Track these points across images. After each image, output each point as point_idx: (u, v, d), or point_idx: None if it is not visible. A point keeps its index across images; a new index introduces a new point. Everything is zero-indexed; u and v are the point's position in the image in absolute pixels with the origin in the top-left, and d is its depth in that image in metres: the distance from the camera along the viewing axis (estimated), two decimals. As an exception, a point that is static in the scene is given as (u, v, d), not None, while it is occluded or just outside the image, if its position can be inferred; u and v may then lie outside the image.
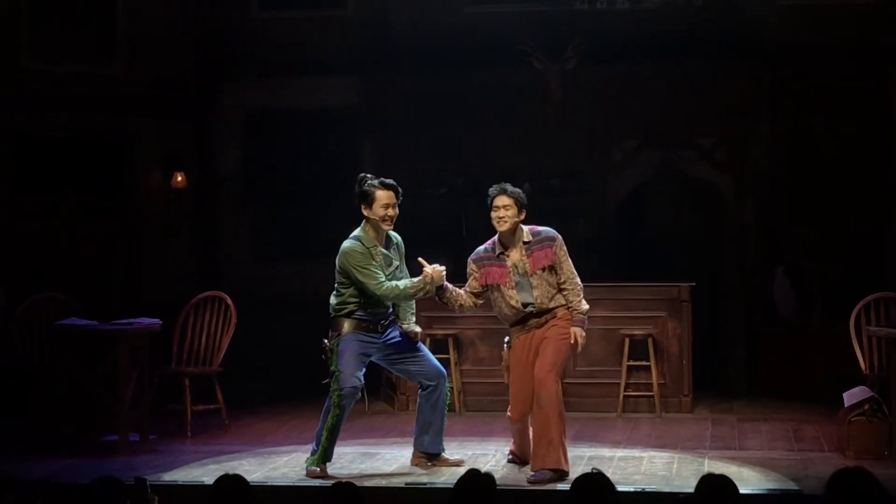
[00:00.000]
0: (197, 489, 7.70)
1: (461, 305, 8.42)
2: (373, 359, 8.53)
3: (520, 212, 8.24)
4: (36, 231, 13.42)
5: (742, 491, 5.50)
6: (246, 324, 11.15)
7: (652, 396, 11.26)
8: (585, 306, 8.27)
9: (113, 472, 6.56)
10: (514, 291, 8.25)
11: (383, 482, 8.14)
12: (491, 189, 8.31)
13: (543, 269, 8.20)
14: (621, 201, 13.96)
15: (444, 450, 8.70)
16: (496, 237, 8.32)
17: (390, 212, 8.35)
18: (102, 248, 13.77)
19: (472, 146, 13.64)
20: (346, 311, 8.39)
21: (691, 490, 5.44)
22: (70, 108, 13.37)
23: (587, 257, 13.04)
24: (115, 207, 13.86)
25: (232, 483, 5.69)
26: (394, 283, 8.30)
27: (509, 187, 8.28)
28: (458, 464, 8.58)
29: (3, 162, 13.25)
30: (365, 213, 8.38)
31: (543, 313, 8.24)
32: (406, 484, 8.03)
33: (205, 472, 8.41)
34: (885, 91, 13.13)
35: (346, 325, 8.40)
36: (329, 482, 7.32)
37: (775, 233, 13.45)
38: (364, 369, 8.43)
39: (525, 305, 8.25)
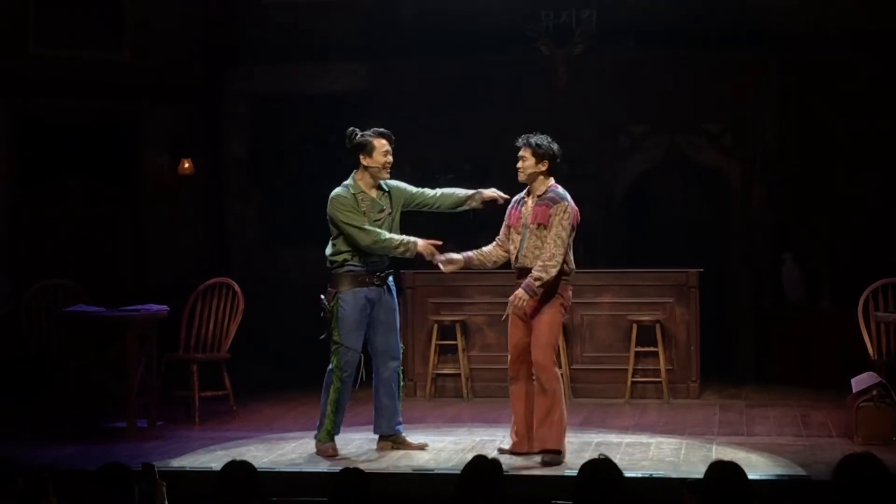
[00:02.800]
0: (205, 475, 7.70)
1: (494, 262, 8.50)
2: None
3: (538, 162, 8.30)
4: (43, 217, 13.42)
5: (750, 477, 5.49)
6: (253, 309, 11.16)
7: (660, 382, 11.26)
8: (541, 274, 8.07)
9: (121, 458, 6.60)
10: (518, 237, 8.32)
11: (391, 468, 8.15)
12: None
13: (538, 226, 8.21)
14: (628, 187, 13.93)
15: (401, 431, 8.75)
16: None
17: (389, 158, 8.54)
18: (110, 234, 13.78)
19: (479, 131, 13.59)
20: (340, 260, 8.50)
21: (699, 476, 5.44)
22: (77, 94, 13.36)
23: (594, 243, 13.06)
24: (122, 193, 13.86)
25: (239, 469, 5.69)
26: (378, 229, 8.39)
27: (533, 137, 8.35)
28: (421, 447, 8.65)
29: (10, 148, 13.25)
30: (365, 162, 8.54)
31: (525, 272, 8.22)
32: (413, 470, 8.05)
33: (212, 458, 8.43)
34: (893, 76, 13.08)
35: (345, 283, 8.50)
36: (337, 468, 7.32)
37: (783, 218, 13.42)
38: (364, 334, 8.55)
39: (516, 258, 8.28)
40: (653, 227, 13.95)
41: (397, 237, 8.46)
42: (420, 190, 8.75)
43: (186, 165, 13.96)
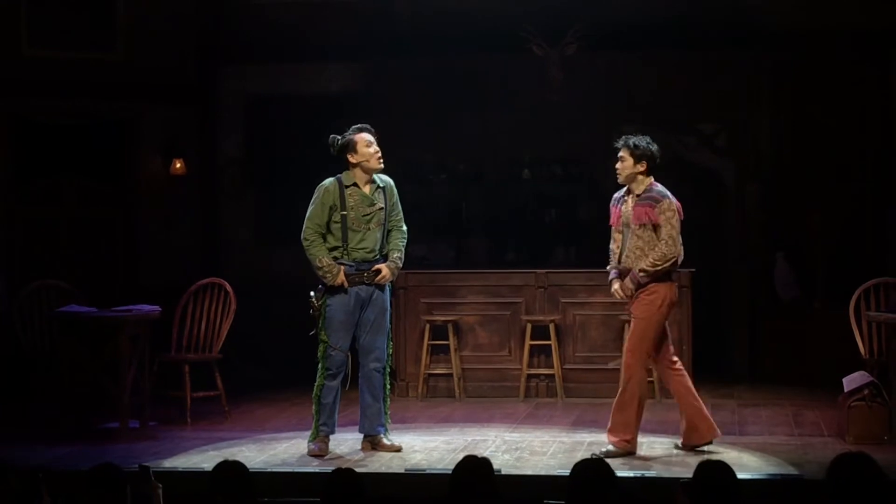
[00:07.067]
0: (197, 475, 7.70)
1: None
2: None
3: (636, 163, 8.47)
4: (36, 216, 13.40)
5: (742, 476, 5.52)
6: (246, 309, 11.15)
7: (652, 382, 11.24)
8: (649, 268, 8.28)
9: (113, 459, 6.60)
10: (619, 236, 8.49)
11: (383, 468, 8.15)
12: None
13: (641, 226, 8.31)
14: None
15: (383, 432, 8.75)
16: None
17: (375, 148, 8.59)
18: (103, 234, 13.75)
19: (473, 132, 13.62)
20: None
21: (691, 475, 5.44)
22: (70, 94, 13.34)
23: (588, 242, 13.06)
24: (115, 193, 13.84)
25: (231, 469, 5.70)
26: (318, 240, 8.55)
27: (632, 138, 8.52)
28: (397, 449, 8.63)
29: (3, 148, 13.23)
30: (353, 160, 8.60)
31: (628, 273, 8.34)
32: (406, 470, 8.05)
33: (204, 459, 8.43)
34: (886, 76, 13.10)
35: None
36: (329, 468, 7.32)
37: (776, 218, 13.43)
38: (352, 334, 8.59)
39: (619, 258, 8.38)
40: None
41: (326, 258, 8.53)
42: (397, 219, 8.77)
43: (178, 166, 13.94)
